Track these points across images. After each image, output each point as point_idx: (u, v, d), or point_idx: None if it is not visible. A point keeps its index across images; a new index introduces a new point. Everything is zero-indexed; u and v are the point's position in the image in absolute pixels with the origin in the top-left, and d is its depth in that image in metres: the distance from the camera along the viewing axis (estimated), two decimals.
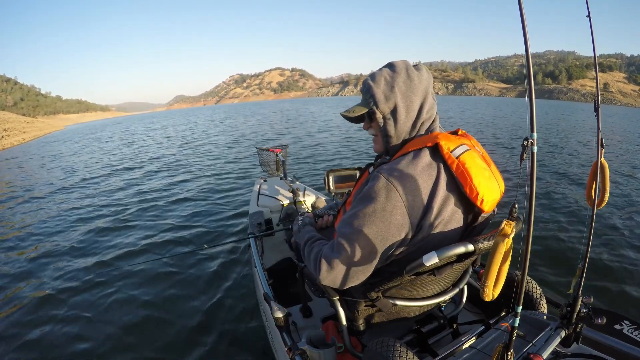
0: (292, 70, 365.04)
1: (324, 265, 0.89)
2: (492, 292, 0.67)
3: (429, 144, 0.87)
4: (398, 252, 0.88)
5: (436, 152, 0.87)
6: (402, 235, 0.84)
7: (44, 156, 12.26)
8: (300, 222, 1.21)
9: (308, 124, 16.83)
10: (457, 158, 0.84)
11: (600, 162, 0.91)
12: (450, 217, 0.86)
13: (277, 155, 3.19)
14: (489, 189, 0.85)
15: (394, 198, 0.82)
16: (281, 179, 3.03)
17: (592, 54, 0.93)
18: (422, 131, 0.94)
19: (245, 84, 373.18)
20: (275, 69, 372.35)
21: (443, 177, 0.85)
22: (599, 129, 0.88)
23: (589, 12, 0.84)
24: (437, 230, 0.85)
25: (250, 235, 2.00)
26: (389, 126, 0.93)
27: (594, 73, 0.95)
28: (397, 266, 0.90)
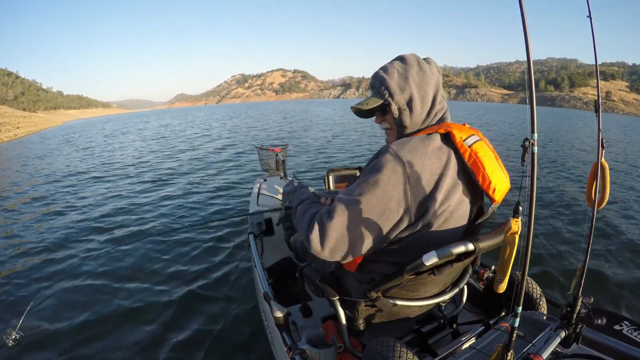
0: (294, 71, 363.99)
1: (316, 227, 0.85)
2: (505, 285, 0.71)
3: (441, 131, 0.88)
4: (401, 235, 0.86)
5: (447, 139, 0.87)
6: (401, 212, 0.83)
7: (24, 157, 11.15)
8: (296, 184, 1.17)
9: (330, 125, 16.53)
10: (469, 147, 0.85)
11: (601, 162, 0.91)
12: (456, 206, 0.86)
13: (277, 154, 3.19)
14: (499, 179, 0.86)
15: (399, 172, 0.81)
16: (281, 178, 3.03)
17: (594, 62, 0.93)
18: (434, 122, 0.95)
19: (247, 84, 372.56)
20: (277, 69, 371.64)
21: (453, 164, 0.85)
22: (599, 129, 0.88)
23: (589, 12, 0.83)
24: (442, 218, 0.85)
25: (249, 235, 2.00)
26: (405, 117, 0.93)
27: (596, 81, 0.95)
28: (397, 266, 0.90)
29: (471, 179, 0.87)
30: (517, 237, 0.63)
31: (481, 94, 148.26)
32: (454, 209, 0.85)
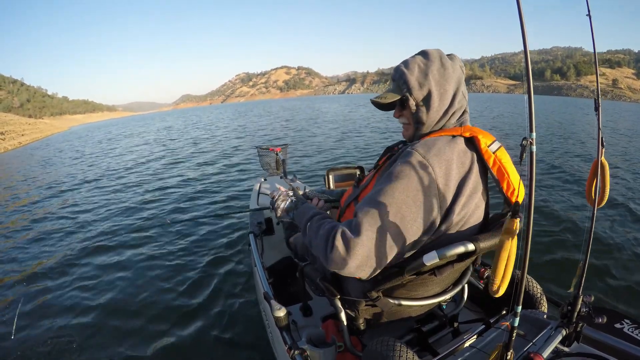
0: (298, 68, 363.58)
1: (339, 245, 0.76)
2: (499, 288, 0.68)
3: (466, 134, 0.87)
4: (423, 241, 0.83)
5: (470, 143, 0.87)
6: (431, 220, 0.80)
7: (19, 167, 10.58)
8: (294, 199, 1.10)
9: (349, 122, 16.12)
10: (494, 153, 0.84)
11: (601, 160, 0.91)
12: (474, 210, 0.85)
13: (277, 154, 3.19)
14: (520, 185, 0.85)
15: (429, 178, 0.78)
16: (281, 177, 3.03)
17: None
18: (453, 121, 0.93)
19: (251, 83, 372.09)
20: (282, 67, 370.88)
21: (476, 169, 0.85)
22: (599, 127, 0.88)
23: (589, 10, 0.83)
24: (461, 222, 0.84)
25: (250, 234, 2.00)
26: (422, 113, 0.91)
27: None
28: (398, 266, 0.89)
29: (487, 183, 0.87)
30: (513, 237, 0.62)
31: (487, 85, 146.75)
32: (472, 213, 0.85)
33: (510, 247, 0.63)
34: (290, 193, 1.13)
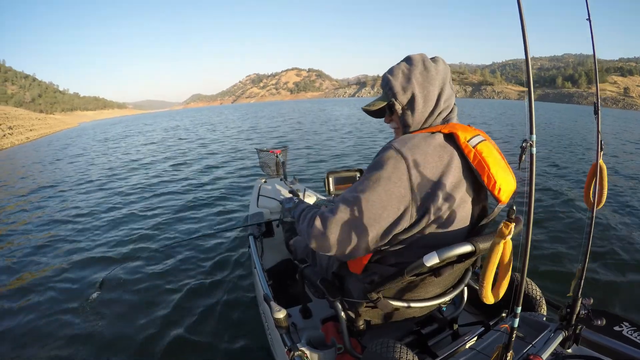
0: (309, 70, 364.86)
1: (317, 223, 0.88)
2: (489, 293, 0.68)
3: (445, 131, 0.88)
4: (403, 235, 0.86)
5: (450, 139, 0.88)
6: (402, 209, 0.83)
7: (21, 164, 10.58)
8: (296, 200, 1.20)
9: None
10: (473, 147, 0.85)
11: (599, 163, 0.92)
12: (458, 205, 0.86)
13: (277, 156, 3.19)
14: (505, 179, 0.85)
15: (400, 169, 0.82)
16: (281, 179, 3.03)
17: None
18: (439, 120, 0.95)
19: (261, 84, 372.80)
20: (292, 69, 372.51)
21: (456, 163, 0.86)
22: (598, 131, 0.89)
23: (589, 15, 0.84)
24: (444, 217, 0.85)
25: (249, 236, 2.00)
26: (407, 116, 0.95)
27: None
28: (398, 267, 0.90)
29: (476, 179, 0.87)
30: (506, 241, 0.62)
31: (497, 92, 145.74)
32: (456, 208, 0.86)
33: (504, 251, 0.63)
34: (295, 198, 1.22)
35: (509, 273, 0.66)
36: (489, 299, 0.68)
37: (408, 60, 0.95)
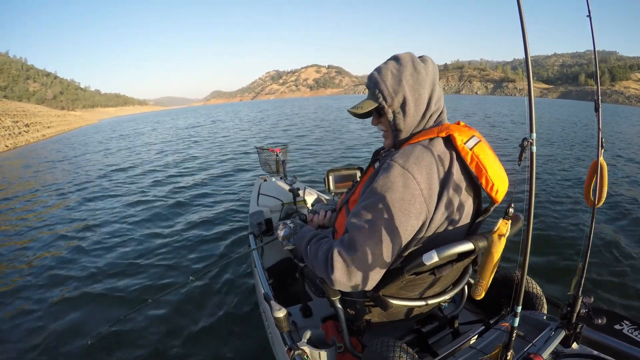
0: (329, 67, 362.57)
1: (338, 265, 0.81)
2: (484, 291, 0.69)
3: (442, 134, 0.87)
4: (414, 242, 0.86)
5: (448, 142, 0.87)
6: (420, 224, 0.82)
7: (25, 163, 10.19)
8: (292, 225, 1.15)
9: None
10: (470, 150, 0.85)
11: (600, 161, 0.91)
12: (459, 207, 0.86)
13: (277, 154, 3.18)
14: (501, 180, 0.86)
15: (411, 186, 0.80)
16: (281, 178, 3.02)
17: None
18: (431, 123, 0.94)
19: (281, 81, 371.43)
20: (312, 65, 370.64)
21: (456, 167, 0.85)
22: (599, 129, 0.88)
23: (589, 11, 0.83)
24: (447, 221, 0.85)
25: (250, 235, 2.00)
26: (399, 120, 0.92)
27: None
28: (397, 266, 0.90)
29: (472, 179, 0.87)
30: (504, 239, 0.62)
31: (519, 89, 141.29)
32: (458, 209, 0.86)
33: (498, 249, 0.63)
34: (288, 222, 1.17)
35: (495, 270, 0.66)
36: (482, 295, 0.69)
37: (396, 59, 0.91)
